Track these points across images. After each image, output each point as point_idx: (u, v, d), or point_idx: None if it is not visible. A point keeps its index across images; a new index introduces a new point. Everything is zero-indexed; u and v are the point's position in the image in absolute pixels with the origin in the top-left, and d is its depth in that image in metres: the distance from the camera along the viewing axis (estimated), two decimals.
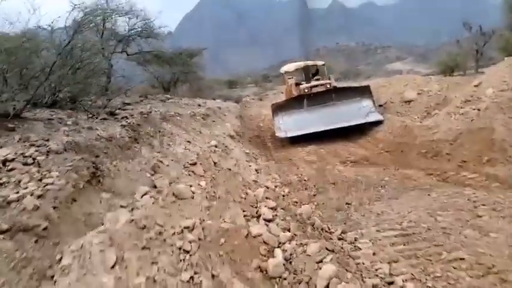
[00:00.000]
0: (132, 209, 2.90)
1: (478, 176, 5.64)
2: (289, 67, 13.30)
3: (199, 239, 2.73)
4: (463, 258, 3.35)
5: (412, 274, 3.07)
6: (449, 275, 3.10)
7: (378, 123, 10.21)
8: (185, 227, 2.86)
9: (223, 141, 8.47)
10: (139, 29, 11.27)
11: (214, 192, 3.90)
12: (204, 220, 3.07)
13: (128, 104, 9.40)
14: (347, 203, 5.61)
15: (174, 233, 2.70)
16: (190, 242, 2.65)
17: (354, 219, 4.82)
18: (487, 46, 16.62)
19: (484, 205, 4.47)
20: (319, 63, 13.76)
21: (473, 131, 6.70)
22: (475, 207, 4.46)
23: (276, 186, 6.34)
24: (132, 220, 2.57)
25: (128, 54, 11.97)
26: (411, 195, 5.55)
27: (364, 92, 10.77)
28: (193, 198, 3.54)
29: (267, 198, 4.30)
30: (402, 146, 8.50)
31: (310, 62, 13.33)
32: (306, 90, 11.40)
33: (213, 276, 2.34)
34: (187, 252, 2.57)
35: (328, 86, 11.42)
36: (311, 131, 10.30)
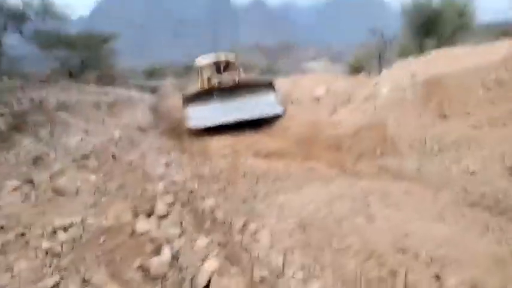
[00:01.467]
0: None
1: (372, 168, 6.09)
2: (201, 61, 13.57)
3: (74, 240, 2.44)
4: (351, 245, 3.56)
5: (303, 264, 3.15)
6: (337, 262, 3.26)
7: (280, 116, 11.11)
8: (59, 227, 2.54)
9: (131, 132, 7.97)
10: (35, 6, 9.98)
11: (105, 188, 3.58)
12: (86, 219, 2.77)
13: (20, 88, 8.31)
14: (254, 195, 5.64)
15: (42, 234, 2.37)
16: (62, 243, 2.36)
17: (257, 211, 4.83)
18: (388, 51, 18.34)
19: (375, 194, 4.81)
20: (231, 57, 14.11)
21: (371, 126, 7.24)
22: (367, 196, 4.78)
23: (185, 180, 6.12)
24: None
25: (21, 33, 10.56)
26: (314, 186, 5.78)
27: (269, 86, 11.61)
28: (77, 193, 3.20)
29: (167, 192, 4.10)
30: (310, 140, 8.88)
31: (221, 57, 13.68)
32: (216, 84, 11.98)
33: (84, 280, 2.10)
34: (57, 254, 2.27)
35: (236, 79, 12.18)
36: (219, 123, 10.79)
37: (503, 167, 4.75)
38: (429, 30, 13.73)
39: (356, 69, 18.37)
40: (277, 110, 11.21)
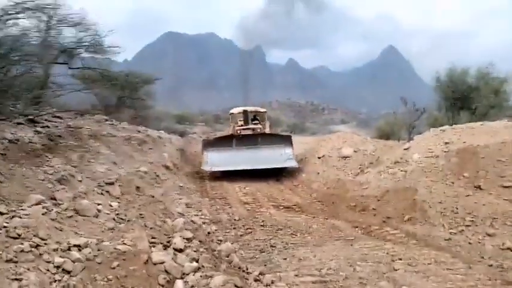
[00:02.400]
0: (12, 217, 2.46)
1: (399, 233, 5.78)
2: (236, 110, 14.43)
3: (88, 259, 2.35)
4: None
5: None
6: None
7: (292, 169, 11.60)
8: (74, 245, 2.47)
9: (156, 170, 8.05)
10: (86, 43, 10.72)
11: (125, 215, 3.53)
12: (102, 241, 2.69)
13: (58, 117, 8.70)
14: (271, 246, 5.43)
15: (56, 249, 2.30)
16: (73, 261, 2.27)
17: (275, 262, 4.61)
18: (419, 121, 18.31)
19: (400, 259, 4.51)
20: (261, 110, 15.08)
21: (399, 190, 6.99)
22: (393, 260, 4.48)
23: (203, 223, 6.00)
24: (4, 227, 2.15)
25: (70, 68, 11.28)
26: (335, 244, 5.51)
27: (287, 140, 12.04)
28: (97, 217, 3.16)
29: (186, 229, 3.99)
30: (334, 198, 8.66)
31: (251, 108, 14.58)
32: (238, 132, 12.58)
33: None
34: (68, 272, 2.18)
35: (259, 130, 12.80)
36: (234, 169, 11.15)
37: None
38: (463, 105, 13.72)
39: (385, 134, 18.28)
40: (291, 163, 11.49)
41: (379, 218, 6.68)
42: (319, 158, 11.95)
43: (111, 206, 3.52)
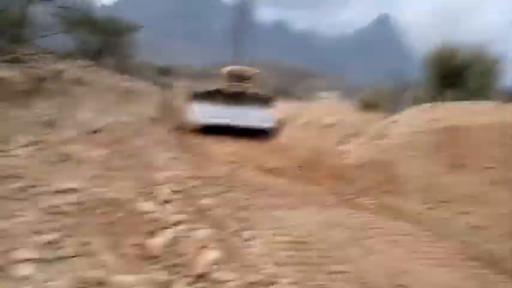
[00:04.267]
0: (4, 157, 2.44)
1: (375, 203, 6.03)
2: (227, 69, 14.61)
3: (78, 203, 2.39)
4: (346, 272, 3.48)
5: (297, 278, 3.07)
6: (330, 284, 3.18)
7: (268, 131, 12.18)
8: (66, 189, 2.49)
9: (141, 120, 7.96)
10: None
11: (111, 165, 3.54)
12: (91, 187, 2.72)
13: (41, 57, 8.34)
14: (251, 205, 5.58)
15: (47, 191, 2.32)
16: (65, 204, 2.30)
17: (253, 220, 4.77)
18: (405, 95, 18.45)
19: (373, 228, 4.75)
20: (252, 70, 15.16)
21: (378, 162, 7.22)
22: (367, 228, 4.71)
23: (186, 177, 6.07)
24: None
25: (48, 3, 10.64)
26: (312, 208, 5.72)
27: (269, 102, 12.80)
28: (84, 162, 3.16)
29: (171, 182, 4.05)
30: (313, 165, 8.85)
31: (243, 68, 14.92)
32: (225, 89, 13.10)
33: (82, 243, 2.03)
34: (59, 213, 2.21)
35: (245, 90, 13.26)
36: (217, 123, 11.75)
37: (511, 227, 4.70)
38: (453, 82, 13.71)
39: (370, 105, 18.43)
40: (270, 124, 12.21)
41: (357, 187, 6.91)
42: (302, 124, 12.09)
43: (96, 153, 3.51)
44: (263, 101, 12.85)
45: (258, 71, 15.40)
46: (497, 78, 12.61)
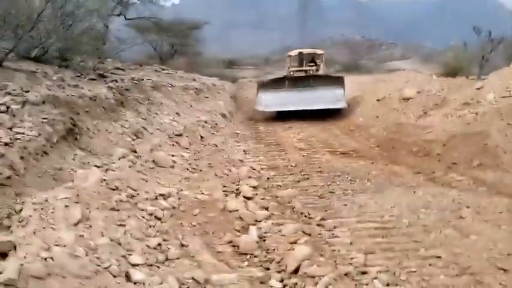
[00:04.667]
0: (106, 170, 2.78)
1: (466, 179, 5.57)
2: (293, 52, 14.43)
3: (173, 207, 2.63)
4: (440, 257, 3.30)
5: (387, 266, 3.01)
6: (424, 271, 3.05)
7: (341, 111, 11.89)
8: (160, 194, 2.75)
9: (214, 118, 8.33)
10: None
11: (196, 165, 3.79)
12: (181, 190, 2.96)
13: (121, 69, 9.14)
14: (330, 192, 5.52)
15: (147, 199, 2.59)
16: (162, 209, 2.55)
17: (335, 208, 4.72)
18: (494, 53, 16.38)
19: (468, 207, 4.40)
20: (318, 52, 14.98)
21: (468, 134, 6.61)
22: (459, 208, 4.38)
23: (261, 169, 6.22)
24: (104, 180, 2.44)
25: (126, 19, 11.59)
26: (396, 191, 5.47)
27: (338, 82, 12.20)
28: (173, 167, 3.43)
29: (249, 177, 4.20)
30: (394, 143, 8.40)
31: (308, 50, 14.84)
32: (291, 73, 13.07)
33: (182, 245, 2.25)
34: (159, 219, 2.47)
35: (312, 72, 13.19)
36: (286, 109, 11.74)
37: None
38: None
39: (452, 70, 16.78)
40: (341, 104, 11.80)
41: (444, 163, 6.43)
42: (378, 100, 11.45)
43: (183, 156, 3.78)
44: (332, 81, 12.55)
45: (323, 52, 15.05)
46: None
